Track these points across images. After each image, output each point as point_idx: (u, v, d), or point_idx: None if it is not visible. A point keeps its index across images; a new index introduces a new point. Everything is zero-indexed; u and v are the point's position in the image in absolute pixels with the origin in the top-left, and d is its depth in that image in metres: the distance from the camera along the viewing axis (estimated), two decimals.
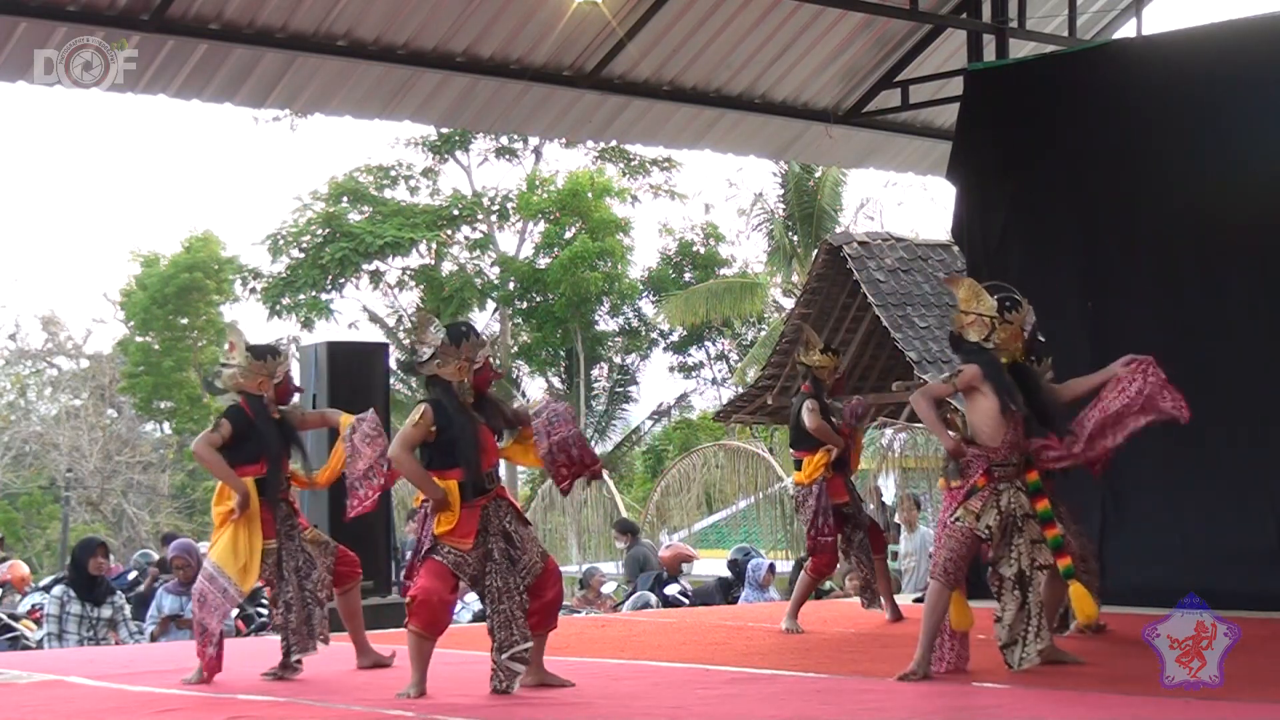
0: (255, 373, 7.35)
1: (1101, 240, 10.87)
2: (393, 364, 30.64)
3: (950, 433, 7.03)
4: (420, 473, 6.64)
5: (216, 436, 7.26)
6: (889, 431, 18.05)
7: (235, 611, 10.97)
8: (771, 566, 13.79)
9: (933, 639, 6.90)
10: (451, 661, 7.14)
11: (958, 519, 6.90)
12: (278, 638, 7.47)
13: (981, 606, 7.27)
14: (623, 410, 35.12)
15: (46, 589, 11.66)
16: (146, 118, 76.38)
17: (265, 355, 7.40)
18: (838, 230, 25.34)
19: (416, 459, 6.66)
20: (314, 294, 32.61)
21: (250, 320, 55.37)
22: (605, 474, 7.52)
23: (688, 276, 34.44)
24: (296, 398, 7.77)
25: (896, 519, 14.97)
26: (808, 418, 9.27)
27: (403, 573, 7.00)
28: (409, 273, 33.81)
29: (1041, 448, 7.07)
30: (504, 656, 6.58)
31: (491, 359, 6.87)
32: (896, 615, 9.59)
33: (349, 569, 7.56)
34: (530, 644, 6.66)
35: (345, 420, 7.24)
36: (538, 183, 34.29)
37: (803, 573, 9.66)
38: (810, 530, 9.42)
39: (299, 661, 7.35)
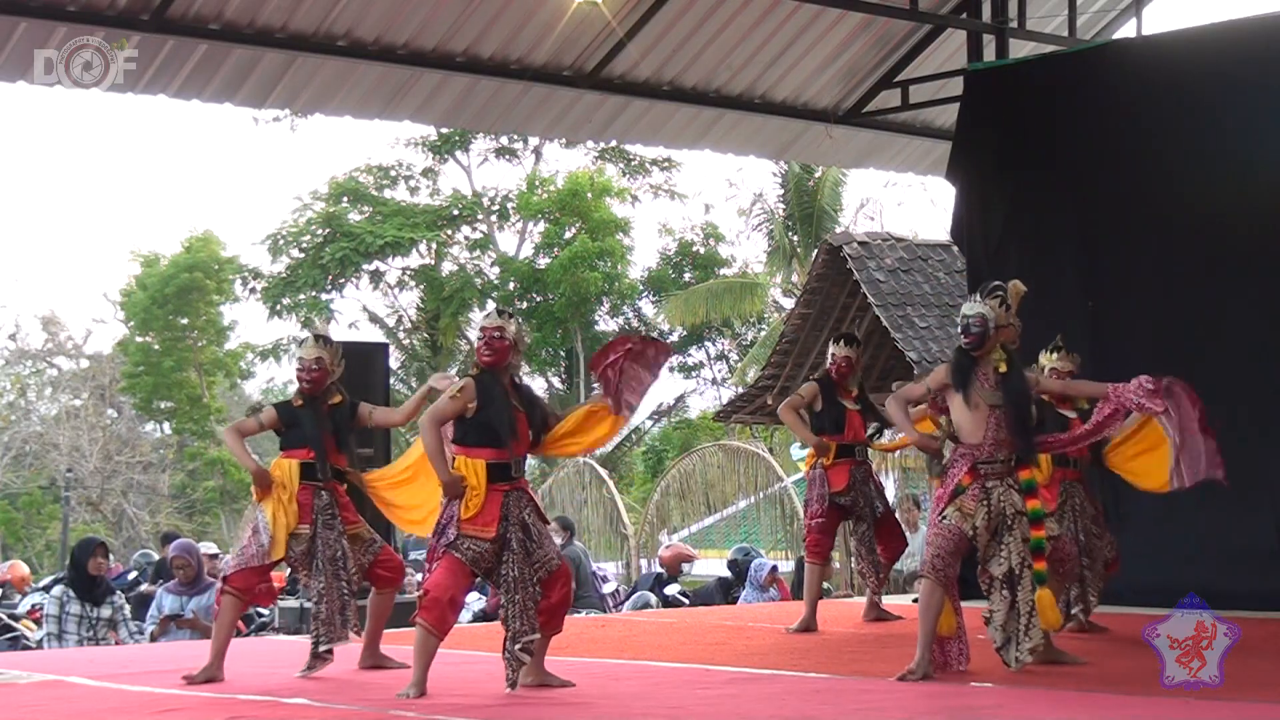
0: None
1: (1101, 240, 10.87)
2: (393, 364, 30.69)
3: (916, 429, 7.14)
4: (438, 450, 6.66)
5: (250, 423, 7.49)
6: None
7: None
8: (774, 568, 13.79)
9: (931, 638, 6.88)
10: (452, 662, 7.14)
11: (945, 517, 6.89)
12: (285, 636, 7.46)
13: (976, 606, 7.26)
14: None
15: (46, 589, 11.67)
16: (146, 118, 76.40)
17: (300, 344, 7.57)
18: (838, 230, 25.32)
19: (440, 435, 6.67)
20: (314, 294, 32.63)
21: (250, 320, 55.37)
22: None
23: (688, 276, 34.45)
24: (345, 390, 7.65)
25: (898, 518, 14.95)
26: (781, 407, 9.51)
27: (425, 555, 6.99)
28: (409, 273, 33.84)
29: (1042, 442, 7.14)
30: (517, 646, 6.60)
31: (495, 332, 6.72)
32: (876, 615, 9.59)
33: (391, 574, 7.59)
34: (538, 635, 6.67)
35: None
36: (538, 183, 34.31)
37: (805, 566, 9.67)
38: (805, 514, 9.58)
39: (329, 651, 7.34)
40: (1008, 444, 6.93)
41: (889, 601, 9.99)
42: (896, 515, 13.84)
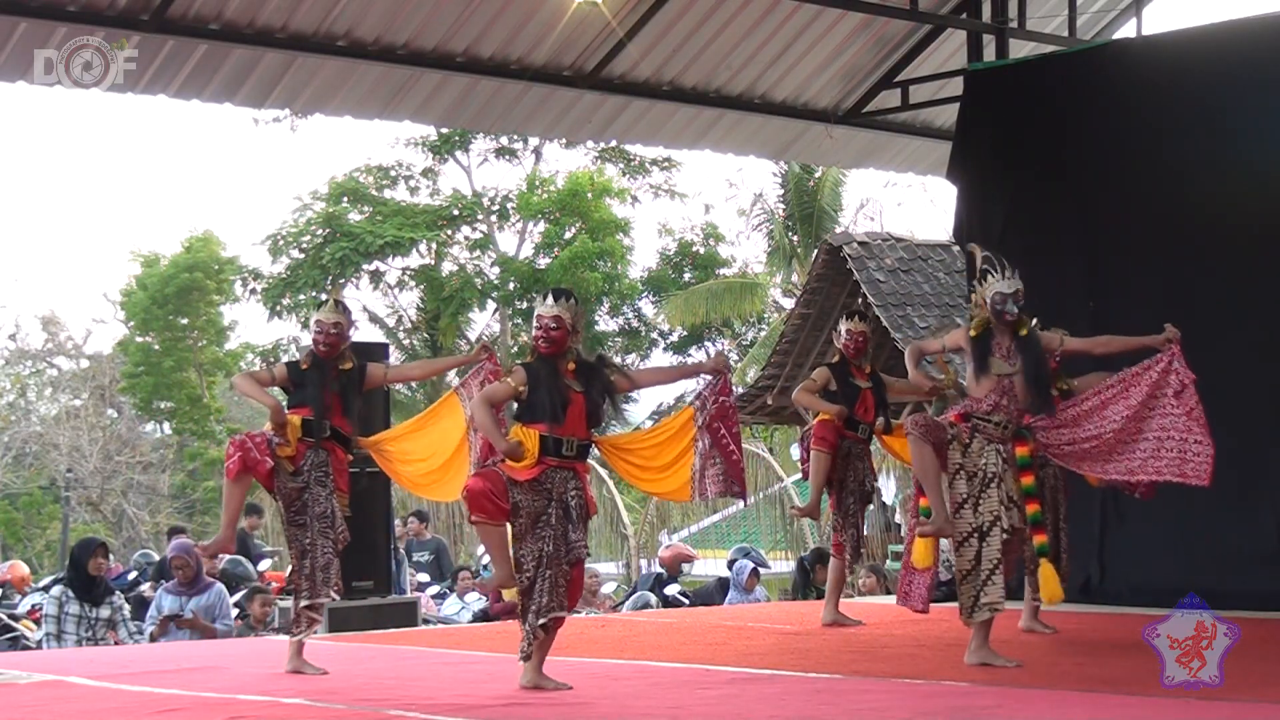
0: None
1: (1102, 240, 10.88)
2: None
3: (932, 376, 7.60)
4: (492, 425, 6.69)
5: (263, 373, 7.62)
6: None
7: (235, 611, 11.00)
8: (755, 570, 13.78)
9: (937, 488, 7.01)
10: (452, 662, 7.14)
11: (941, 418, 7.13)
12: (286, 636, 7.42)
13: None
14: (623, 410, 35.13)
15: (46, 589, 11.67)
16: (146, 118, 76.31)
17: (319, 306, 7.67)
18: (838, 230, 25.32)
19: (493, 414, 6.72)
20: (314, 294, 32.58)
21: (250, 321, 55.30)
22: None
23: (688, 276, 34.43)
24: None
25: (898, 519, 14.96)
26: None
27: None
28: (409, 273, 33.82)
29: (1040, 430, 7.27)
30: (540, 621, 6.61)
31: (552, 323, 6.75)
32: (831, 620, 9.54)
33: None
34: (565, 614, 6.69)
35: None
36: (538, 183, 34.29)
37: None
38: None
39: (312, 608, 7.36)
40: (1006, 411, 7.09)
41: (886, 601, 9.97)
42: (898, 515, 13.87)
